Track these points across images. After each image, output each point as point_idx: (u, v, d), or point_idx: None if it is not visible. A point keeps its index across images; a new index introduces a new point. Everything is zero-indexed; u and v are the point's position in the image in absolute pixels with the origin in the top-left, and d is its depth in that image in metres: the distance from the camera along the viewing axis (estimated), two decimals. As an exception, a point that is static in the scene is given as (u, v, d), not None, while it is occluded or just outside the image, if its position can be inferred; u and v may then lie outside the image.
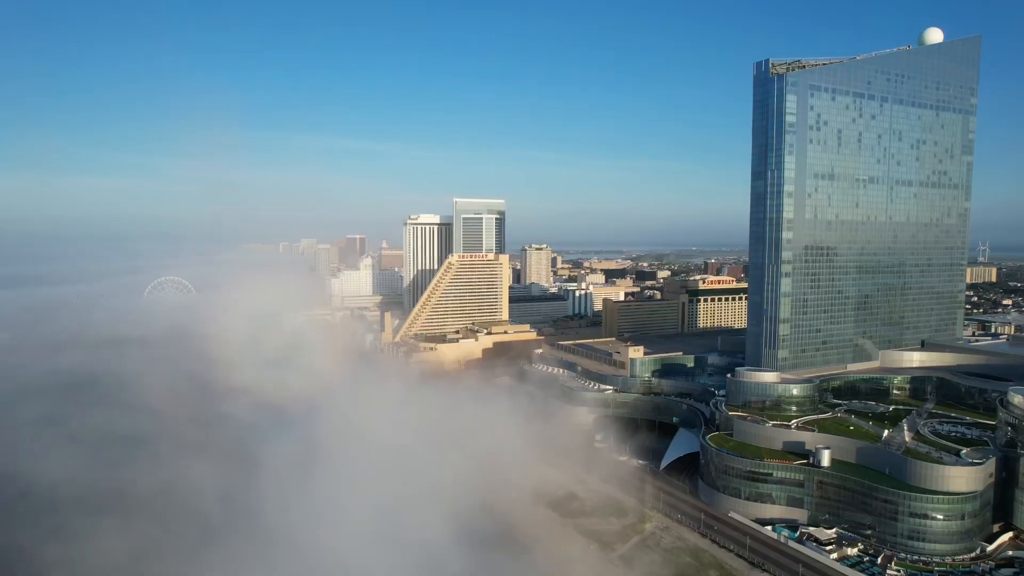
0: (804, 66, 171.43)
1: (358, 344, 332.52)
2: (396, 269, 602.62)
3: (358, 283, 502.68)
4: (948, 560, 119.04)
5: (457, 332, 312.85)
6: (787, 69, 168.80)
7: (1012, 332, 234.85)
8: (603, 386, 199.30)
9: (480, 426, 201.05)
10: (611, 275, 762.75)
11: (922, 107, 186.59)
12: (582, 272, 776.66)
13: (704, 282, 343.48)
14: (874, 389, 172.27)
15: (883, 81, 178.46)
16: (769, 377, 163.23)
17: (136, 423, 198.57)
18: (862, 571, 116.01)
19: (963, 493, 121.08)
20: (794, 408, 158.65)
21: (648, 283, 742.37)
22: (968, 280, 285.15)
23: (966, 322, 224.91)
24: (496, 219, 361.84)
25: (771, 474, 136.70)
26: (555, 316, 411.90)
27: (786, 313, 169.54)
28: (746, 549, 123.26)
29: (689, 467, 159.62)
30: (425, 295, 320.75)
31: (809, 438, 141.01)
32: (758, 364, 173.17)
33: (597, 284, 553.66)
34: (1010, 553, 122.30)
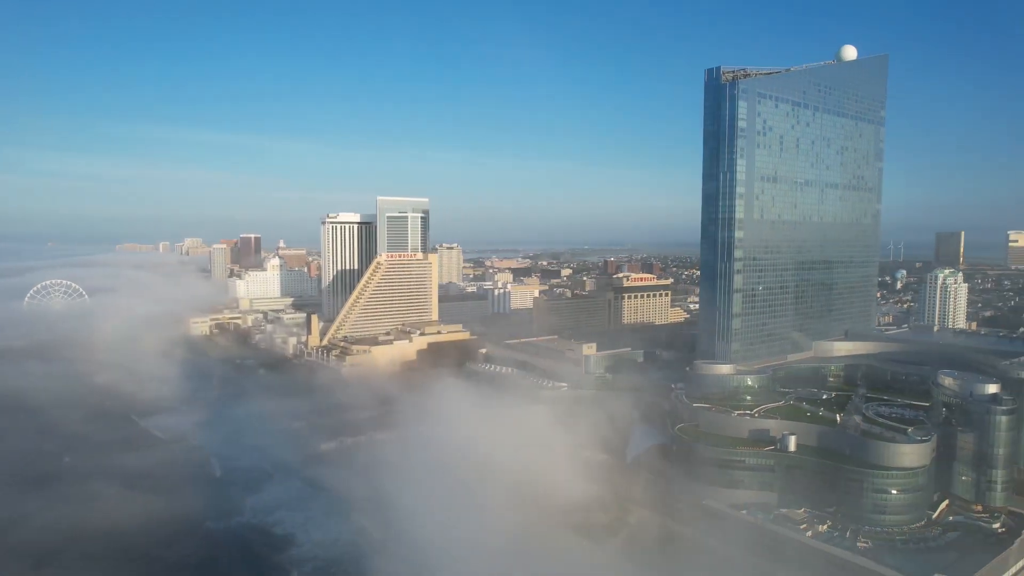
0: (748, 74, 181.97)
1: (280, 349, 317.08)
2: (297, 268, 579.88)
3: (265, 285, 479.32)
4: (904, 529, 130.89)
5: (388, 334, 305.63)
6: (734, 77, 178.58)
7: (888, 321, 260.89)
8: (557, 384, 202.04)
9: (441, 425, 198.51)
10: (517, 273, 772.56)
11: (844, 117, 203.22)
12: (489, 271, 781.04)
13: (628, 280, 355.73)
14: (813, 377, 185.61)
15: (815, 92, 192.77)
16: (726, 369, 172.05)
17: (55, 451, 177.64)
18: (835, 545, 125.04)
19: (915, 468, 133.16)
20: (749, 398, 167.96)
21: (554, 281, 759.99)
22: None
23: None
24: (421, 218, 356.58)
25: (743, 461, 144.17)
26: (477, 315, 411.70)
27: (738, 308, 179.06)
28: (731, 534, 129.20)
29: (651, 459, 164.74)
30: (353, 296, 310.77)
31: (773, 425, 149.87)
32: (711, 357, 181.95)
33: (513, 283, 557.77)
34: (951, 518, 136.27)
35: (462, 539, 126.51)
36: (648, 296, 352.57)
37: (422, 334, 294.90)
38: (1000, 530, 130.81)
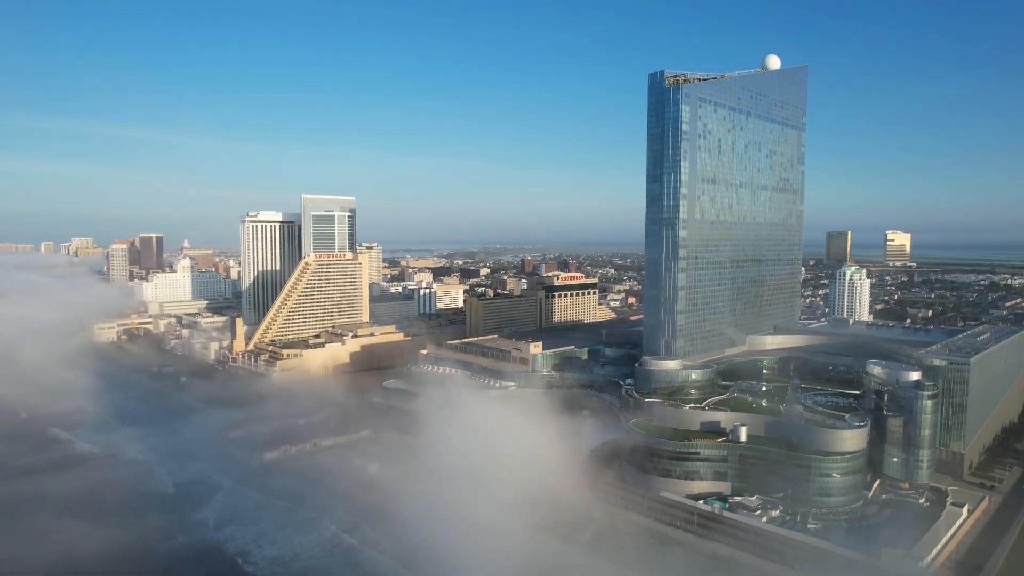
0: (687, 79, 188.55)
1: (200, 355, 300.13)
2: (205, 270, 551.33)
3: (174, 287, 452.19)
4: (847, 509, 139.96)
5: (318, 336, 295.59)
6: (675, 81, 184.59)
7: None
8: (504, 383, 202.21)
9: (389, 429, 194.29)
10: (435, 273, 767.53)
11: (772, 122, 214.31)
12: (408, 270, 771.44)
13: (558, 279, 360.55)
14: (751, 370, 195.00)
15: (748, 98, 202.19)
16: (673, 364, 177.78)
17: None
18: (789, 528, 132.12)
19: (855, 452, 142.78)
20: (695, 392, 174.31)
21: (474, 280, 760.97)
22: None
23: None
24: (349, 217, 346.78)
25: (698, 452, 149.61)
26: (404, 316, 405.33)
27: (683, 305, 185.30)
28: (693, 524, 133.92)
29: (607, 455, 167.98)
30: (280, 298, 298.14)
31: (723, 417, 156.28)
32: (656, 353, 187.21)
33: (436, 283, 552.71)
34: (883, 496, 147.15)
35: (426, 544, 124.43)
36: (577, 295, 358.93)
37: (355, 336, 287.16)
38: (926, 505, 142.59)
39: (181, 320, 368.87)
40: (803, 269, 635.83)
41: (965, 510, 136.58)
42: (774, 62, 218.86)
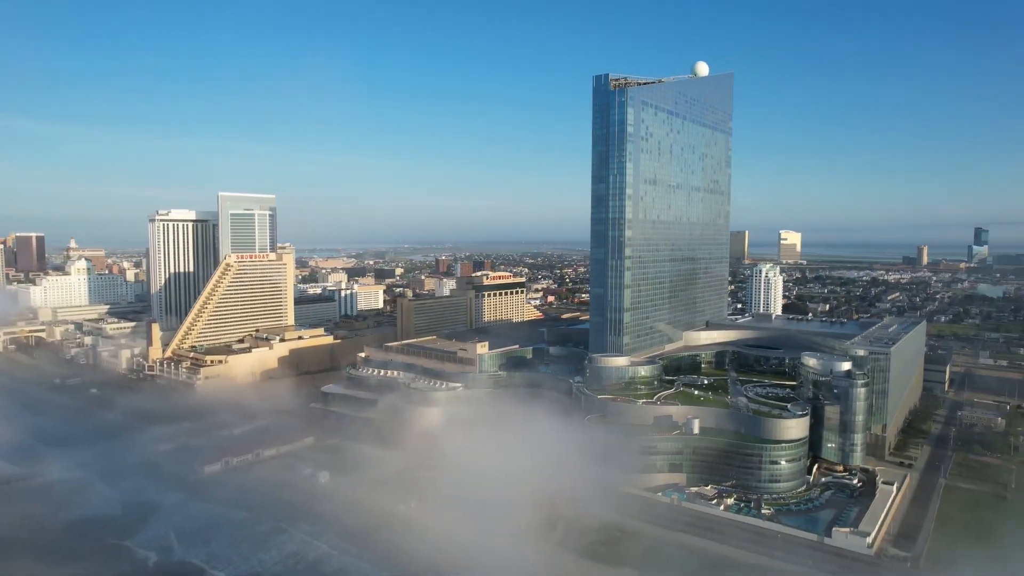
0: (629, 83, 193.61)
1: (109, 364, 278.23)
2: (100, 272, 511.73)
3: (68, 291, 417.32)
4: (794, 494, 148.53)
5: (242, 341, 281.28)
6: (618, 84, 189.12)
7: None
8: (451, 384, 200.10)
9: (336, 435, 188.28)
10: (350, 274, 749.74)
11: (704, 126, 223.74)
12: (322, 272, 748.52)
13: (488, 278, 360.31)
14: (690, 364, 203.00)
15: (684, 102, 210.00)
16: (622, 361, 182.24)
17: None
18: (745, 515, 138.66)
19: (798, 439, 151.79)
20: (643, 387, 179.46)
21: (389, 280, 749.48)
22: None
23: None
24: (269, 215, 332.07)
25: (655, 446, 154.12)
26: (326, 318, 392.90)
27: (628, 303, 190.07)
28: (656, 516, 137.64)
29: (563, 453, 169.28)
30: (200, 301, 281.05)
31: (676, 411, 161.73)
32: (603, 351, 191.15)
33: (354, 284, 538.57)
34: (822, 480, 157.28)
35: (398, 550, 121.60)
36: (506, 294, 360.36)
37: (283, 340, 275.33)
38: (859, 485, 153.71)
39: (81, 327, 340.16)
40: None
41: (895, 488, 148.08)
42: (703, 68, 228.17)
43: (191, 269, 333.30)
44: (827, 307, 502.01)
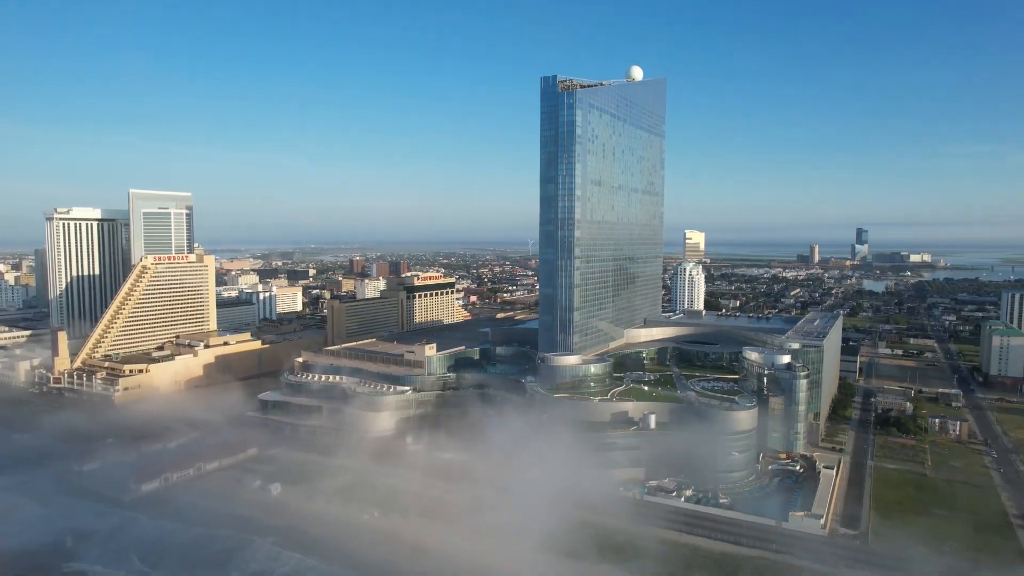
0: (574, 85, 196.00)
1: (4, 377, 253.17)
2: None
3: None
4: (747, 482, 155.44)
5: (162, 348, 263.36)
6: (566, 87, 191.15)
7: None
8: (400, 388, 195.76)
9: (283, 444, 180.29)
10: (261, 275, 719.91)
11: (642, 129, 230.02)
12: (231, 273, 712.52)
13: (419, 279, 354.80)
14: (635, 361, 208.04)
15: (624, 105, 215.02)
16: (575, 360, 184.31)
17: None
18: (705, 505, 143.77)
19: (749, 430, 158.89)
20: (594, 384, 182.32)
21: (304, 282, 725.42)
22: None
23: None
24: (186, 214, 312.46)
25: (615, 443, 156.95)
26: (245, 322, 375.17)
27: (578, 302, 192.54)
28: (621, 511, 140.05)
29: (521, 453, 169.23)
30: (113, 306, 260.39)
31: (631, 407, 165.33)
32: (552, 350, 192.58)
33: (266, 285, 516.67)
34: (769, 467, 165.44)
35: (368, 561, 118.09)
36: (437, 295, 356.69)
37: (207, 346, 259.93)
38: (801, 471, 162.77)
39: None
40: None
41: (834, 472, 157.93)
42: (637, 73, 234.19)
43: (96, 272, 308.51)
44: (737, 303, 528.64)
